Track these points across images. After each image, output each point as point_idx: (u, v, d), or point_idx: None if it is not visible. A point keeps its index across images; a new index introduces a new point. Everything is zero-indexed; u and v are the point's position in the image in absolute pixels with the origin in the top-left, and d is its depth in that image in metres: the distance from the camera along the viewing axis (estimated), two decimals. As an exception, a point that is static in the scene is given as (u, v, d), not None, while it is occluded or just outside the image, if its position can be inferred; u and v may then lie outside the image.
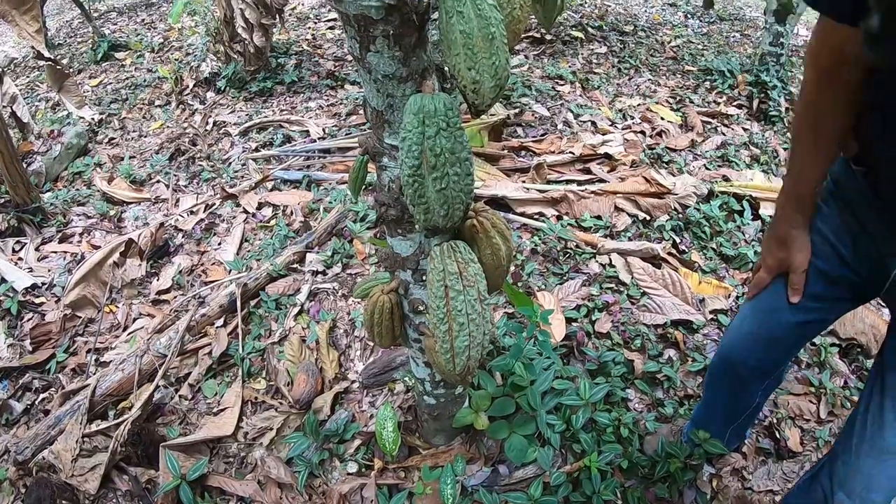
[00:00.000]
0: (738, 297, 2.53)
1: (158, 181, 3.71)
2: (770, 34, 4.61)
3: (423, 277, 1.37)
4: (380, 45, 0.96)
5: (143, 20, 7.65)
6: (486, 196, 2.94)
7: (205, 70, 4.96)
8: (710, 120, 4.04)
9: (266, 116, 4.26)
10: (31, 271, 2.90)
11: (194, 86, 4.85)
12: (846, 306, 1.32)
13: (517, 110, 3.95)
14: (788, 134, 4.10)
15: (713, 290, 2.55)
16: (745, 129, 4.02)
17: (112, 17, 8.05)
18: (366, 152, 1.23)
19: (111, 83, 5.37)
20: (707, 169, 3.46)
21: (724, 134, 3.90)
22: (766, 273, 1.33)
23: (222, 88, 4.73)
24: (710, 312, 2.43)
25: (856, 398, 2.12)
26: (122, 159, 3.97)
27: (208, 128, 4.24)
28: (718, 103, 4.32)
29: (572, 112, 3.93)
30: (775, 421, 2.04)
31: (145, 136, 4.30)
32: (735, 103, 4.36)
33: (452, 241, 1.16)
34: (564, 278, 2.51)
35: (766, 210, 3.10)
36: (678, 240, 2.84)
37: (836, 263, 1.22)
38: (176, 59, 5.53)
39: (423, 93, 0.97)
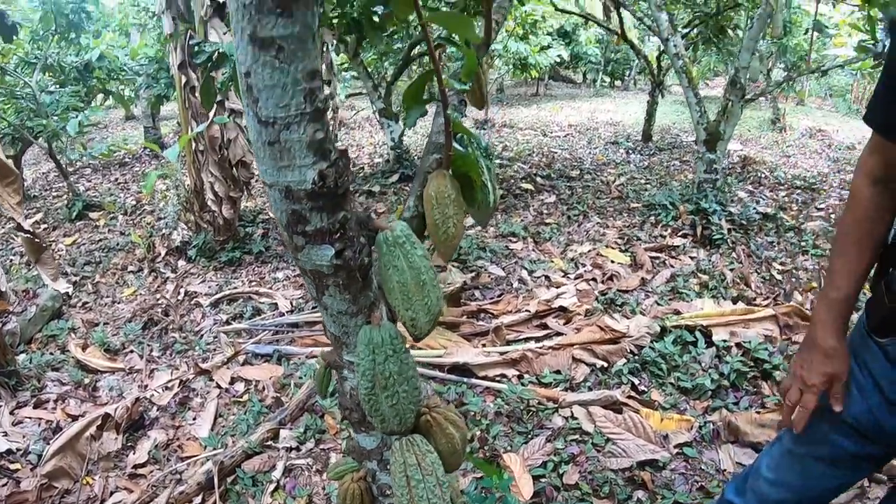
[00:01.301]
0: (700, 428, 2.84)
1: (132, 351, 4.00)
2: (703, 163, 5.23)
3: (388, 466, 1.68)
4: (332, 292, 1.27)
5: (116, 179, 8.32)
6: (449, 364, 3.29)
7: (176, 238, 5.45)
8: (657, 254, 4.52)
9: (236, 287, 4.66)
10: (5, 435, 3.11)
11: (166, 254, 5.32)
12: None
13: (474, 273, 4.40)
14: (733, 254, 4.59)
15: (675, 425, 2.86)
16: (691, 258, 4.49)
17: (87, 174, 8.76)
18: (328, 365, 1.58)
19: (85, 243, 5.86)
20: (659, 304, 3.87)
21: (672, 266, 4.36)
22: (811, 394, 1.32)
23: (193, 258, 5.19)
24: (675, 447, 2.72)
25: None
26: (97, 325, 4.29)
27: (180, 297, 4.61)
28: (664, 236, 4.83)
29: (526, 269, 4.38)
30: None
31: (118, 303, 4.65)
32: (680, 233, 4.88)
33: (410, 436, 1.49)
34: (529, 436, 2.81)
35: (718, 336, 3.46)
36: (636, 381, 3.18)
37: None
38: (148, 224, 6.05)
39: (371, 324, 1.33)
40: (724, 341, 3.41)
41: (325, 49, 6.83)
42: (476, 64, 1.34)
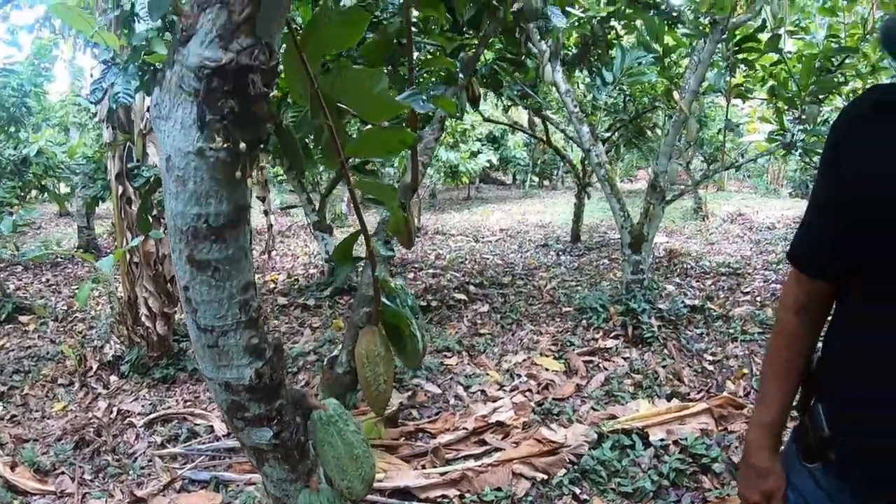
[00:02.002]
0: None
1: (63, 472, 3.84)
2: (630, 264, 5.52)
3: None
4: (272, 464, 1.34)
5: (47, 280, 8.13)
6: (390, 488, 3.31)
7: (108, 352, 5.33)
8: (591, 358, 4.69)
9: (170, 407, 4.58)
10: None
11: (98, 368, 5.18)
12: None
13: (410, 392, 4.47)
14: (664, 351, 4.79)
15: (618, 534, 2.93)
16: (624, 359, 4.68)
17: (17, 271, 8.49)
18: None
19: (14, 349, 5.66)
20: (595, 410, 4.00)
21: (606, 369, 4.53)
22: None
23: (126, 373, 5.07)
24: (620, 557, 2.80)
25: None
26: (26, 442, 4.12)
27: (112, 416, 4.49)
28: (596, 339, 5.02)
29: (462, 385, 4.48)
30: None
31: (48, 418, 4.49)
32: (612, 335, 5.08)
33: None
34: (475, 562, 2.84)
35: (655, 436, 3.59)
36: (578, 490, 3.25)
37: None
38: (79, 334, 5.89)
39: (310, 488, 1.40)
40: (662, 440, 3.54)
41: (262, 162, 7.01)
42: (402, 219, 1.51)
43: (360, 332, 1.42)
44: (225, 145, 0.87)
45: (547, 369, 4.56)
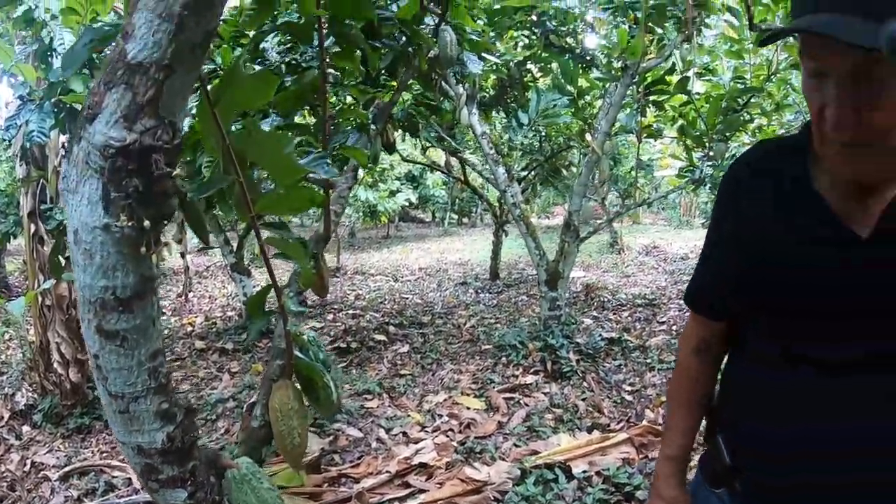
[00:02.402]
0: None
1: None
2: (547, 301, 5.68)
3: None
4: None
5: None
6: (315, 541, 3.29)
7: (21, 401, 5.04)
8: (511, 395, 4.78)
9: (86, 458, 4.38)
10: None
11: (9, 418, 4.90)
12: None
13: (331, 437, 4.45)
14: (584, 384, 4.94)
15: (542, 570, 3.00)
16: (545, 394, 4.79)
17: None
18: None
19: None
20: (517, 446, 4.08)
21: (526, 405, 4.63)
22: None
23: (39, 423, 4.82)
24: None
25: None
26: None
27: (26, 469, 4.26)
28: (516, 376, 5.13)
29: (383, 427, 4.49)
30: None
31: None
32: (532, 371, 5.20)
33: None
34: None
35: (578, 468, 3.68)
36: (502, 529, 3.32)
37: None
38: None
39: None
40: (585, 472, 3.64)
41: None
42: (311, 275, 1.55)
43: (274, 386, 1.46)
44: (129, 223, 0.91)
45: (468, 408, 4.63)
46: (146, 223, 0.93)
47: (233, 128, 1.15)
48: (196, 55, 0.93)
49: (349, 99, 4.19)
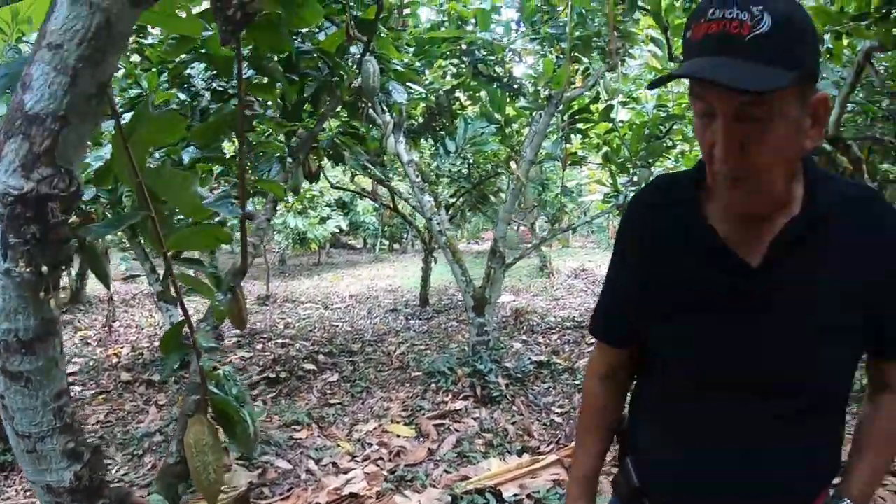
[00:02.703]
0: None
1: None
2: (475, 327, 5.75)
3: None
4: None
5: None
6: (241, 579, 3.24)
7: None
8: (442, 421, 4.81)
9: (9, 498, 4.17)
10: None
11: None
12: None
13: (260, 470, 4.38)
14: (513, 408, 5.01)
15: None
16: (474, 419, 4.84)
17: None
18: None
19: None
20: (448, 472, 4.10)
21: (457, 430, 4.66)
22: None
23: None
24: None
25: None
26: None
27: None
28: (446, 402, 5.17)
29: (313, 458, 4.45)
30: None
31: None
32: (461, 396, 5.25)
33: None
34: None
35: (509, 492, 3.73)
36: (433, 557, 3.33)
37: None
38: None
39: None
40: (516, 496, 3.69)
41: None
42: (226, 311, 1.56)
43: (189, 422, 1.45)
44: (28, 269, 0.94)
45: (398, 436, 4.63)
46: (44, 269, 0.96)
47: (150, 162, 1.17)
48: (91, 106, 0.97)
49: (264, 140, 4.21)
